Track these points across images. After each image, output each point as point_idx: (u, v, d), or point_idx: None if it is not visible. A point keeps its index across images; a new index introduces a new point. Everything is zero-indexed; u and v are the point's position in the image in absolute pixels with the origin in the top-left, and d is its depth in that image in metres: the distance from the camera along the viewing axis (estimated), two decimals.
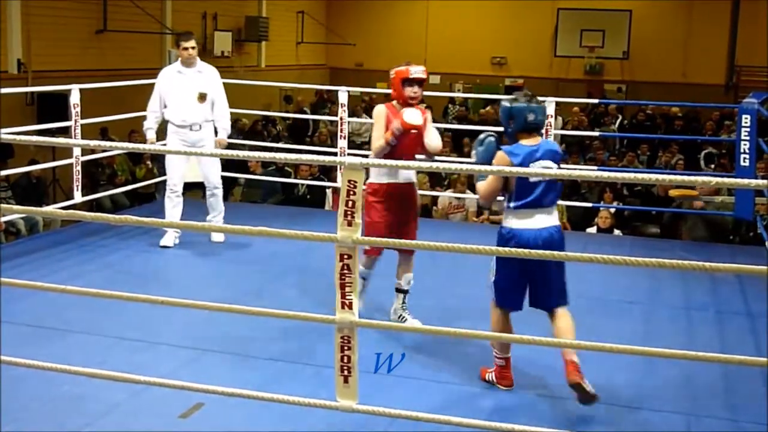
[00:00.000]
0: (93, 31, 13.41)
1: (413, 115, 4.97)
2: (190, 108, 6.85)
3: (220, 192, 7.15)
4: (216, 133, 7.00)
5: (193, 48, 6.84)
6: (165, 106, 6.91)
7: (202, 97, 6.86)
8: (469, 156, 4.72)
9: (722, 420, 4.11)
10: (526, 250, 3.74)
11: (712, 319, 5.63)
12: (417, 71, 5.05)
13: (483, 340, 4.52)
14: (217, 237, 7.17)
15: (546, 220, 4.16)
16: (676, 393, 4.39)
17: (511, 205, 4.17)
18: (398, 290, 5.27)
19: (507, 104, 4.25)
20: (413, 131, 4.99)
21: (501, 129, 4.38)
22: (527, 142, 4.19)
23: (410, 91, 5.04)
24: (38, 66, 12.06)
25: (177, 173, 6.99)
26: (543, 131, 4.11)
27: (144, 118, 7.04)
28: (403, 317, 5.22)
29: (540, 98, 4.43)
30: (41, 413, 3.89)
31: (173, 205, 7.02)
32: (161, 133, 7.12)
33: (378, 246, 5.02)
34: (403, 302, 5.26)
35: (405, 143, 5.04)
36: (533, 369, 4.51)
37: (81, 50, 12.68)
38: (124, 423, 3.84)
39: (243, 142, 11.54)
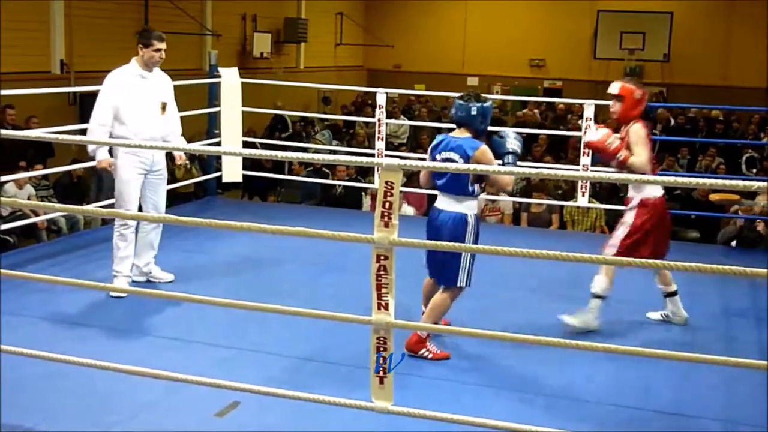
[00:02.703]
0: (134, 32, 13.52)
1: (590, 134, 5.46)
2: (152, 121, 5.60)
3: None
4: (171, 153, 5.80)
5: (164, 51, 5.58)
6: (116, 119, 5.49)
7: (164, 108, 5.69)
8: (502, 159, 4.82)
9: (760, 428, 4.05)
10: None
11: (752, 325, 5.55)
12: (610, 88, 5.24)
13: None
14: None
15: (446, 204, 4.62)
16: (714, 399, 4.34)
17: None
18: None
19: None
20: (599, 148, 5.11)
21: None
22: (453, 135, 4.67)
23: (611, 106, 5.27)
24: (80, 66, 12.24)
25: (134, 203, 5.61)
26: (473, 128, 4.61)
27: None
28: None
29: (484, 96, 4.70)
30: (77, 410, 3.93)
31: (126, 243, 5.61)
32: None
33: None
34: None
35: (608, 159, 5.18)
36: (563, 376, 4.50)
37: (122, 51, 12.70)
38: (160, 420, 3.87)
39: (284, 143, 11.63)
